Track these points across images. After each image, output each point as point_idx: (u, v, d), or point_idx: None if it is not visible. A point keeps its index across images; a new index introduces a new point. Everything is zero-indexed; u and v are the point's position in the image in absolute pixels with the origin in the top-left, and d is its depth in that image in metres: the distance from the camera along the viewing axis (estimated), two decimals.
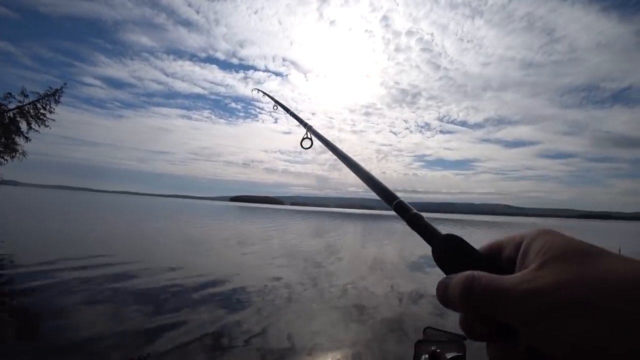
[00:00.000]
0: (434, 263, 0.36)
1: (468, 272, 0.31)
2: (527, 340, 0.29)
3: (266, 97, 1.75)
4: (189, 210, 53.48)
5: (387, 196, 0.50)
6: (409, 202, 0.46)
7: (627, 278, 0.27)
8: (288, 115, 1.28)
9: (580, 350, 0.27)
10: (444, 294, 0.32)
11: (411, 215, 0.44)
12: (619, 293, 0.26)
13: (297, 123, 1.14)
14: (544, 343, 0.28)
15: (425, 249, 0.37)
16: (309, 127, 1.04)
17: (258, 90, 1.94)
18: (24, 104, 18.12)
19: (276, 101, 1.52)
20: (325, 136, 0.88)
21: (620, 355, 0.25)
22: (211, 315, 5.22)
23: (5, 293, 5.88)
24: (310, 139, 1.04)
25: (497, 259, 0.34)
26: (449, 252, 0.36)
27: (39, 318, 4.77)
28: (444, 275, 0.34)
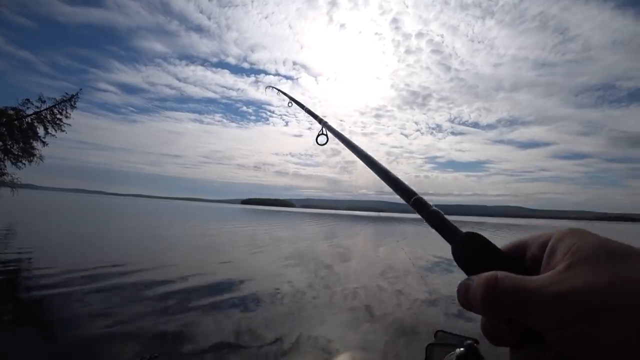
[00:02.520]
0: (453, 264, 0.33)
1: (491, 273, 0.28)
2: (556, 345, 0.26)
3: (281, 94, 1.79)
4: (203, 213, 53.91)
5: (405, 193, 0.49)
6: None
7: None
8: (303, 111, 1.27)
9: (616, 357, 0.24)
10: (465, 296, 0.29)
11: (430, 211, 0.42)
12: None
13: (312, 119, 1.13)
14: (576, 349, 0.25)
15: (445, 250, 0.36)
16: (324, 123, 1.03)
17: (272, 87, 1.97)
18: (42, 109, 18.61)
19: (291, 98, 1.53)
20: (341, 132, 0.86)
21: None
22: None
23: (37, 299, 6.02)
24: (326, 135, 1.04)
25: (521, 259, 0.31)
26: (471, 251, 0.33)
27: (57, 320, 4.87)
28: (465, 277, 0.31)
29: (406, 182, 0.51)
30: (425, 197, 0.42)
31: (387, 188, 0.50)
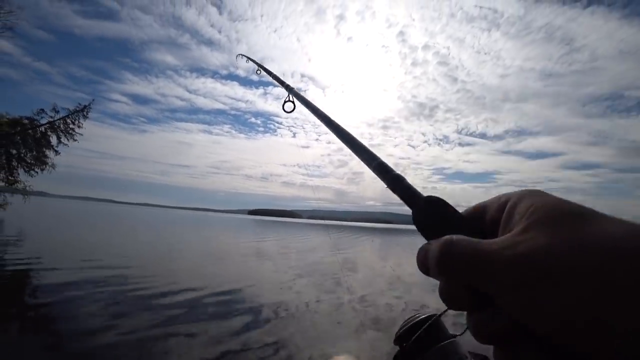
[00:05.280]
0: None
1: (447, 237, 0.28)
2: (510, 311, 0.24)
3: (250, 62, 1.80)
4: (211, 224, 54.06)
5: (367, 157, 0.49)
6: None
7: (622, 241, 0.22)
8: (270, 78, 1.27)
9: (571, 322, 0.22)
10: (423, 261, 0.30)
11: (392, 176, 0.42)
12: (615, 258, 0.21)
13: (283, 89, 1.09)
14: (524, 314, 0.23)
15: None
16: (290, 89, 1.02)
17: (242, 55, 1.98)
18: (55, 119, 19.05)
19: (259, 65, 1.55)
20: (309, 99, 0.86)
21: (615, 325, 0.21)
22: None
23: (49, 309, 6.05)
24: (293, 102, 1.02)
25: (480, 222, 0.31)
26: (430, 216, 0.34)
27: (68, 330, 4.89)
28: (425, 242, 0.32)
29: (369, 147, 0.51)
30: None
31: (395, 199, 0.51)
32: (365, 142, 0.53)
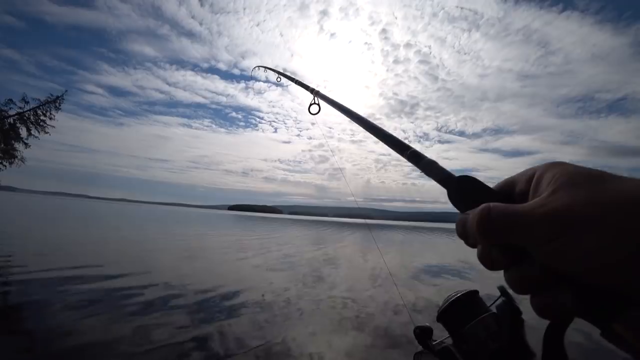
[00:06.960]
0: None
1: (484, 204, 0.32)
2: (542, 259, 0.30)
3: (269, 71, 1.83)
4: (192, 220, 53.10)
5: (400, 147, 0.53)
6: (409, 210, 0.47)
7: (629, 196, 0.28)
8: (293, 83, 1.30)
9: (589, 263, 0.27)
10: (462, 229, 0.34)
11: (425, 162, 0.47)
12: (621, 209, 0.27)
13: (305, 92, 1.15)
14: (558, 260, 0.29)
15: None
16: (316, 92, 1.06)
17: (259, 66, 2.00)
18: (25, 110, 18.23)
19: (279, 72, 1.57)
20: (334, 98, 0.87)
21: (621, 261, 0.26)
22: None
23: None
24: (318, 104, 1.06)
25: (510, 194, 0.35)
26: (464, 192, 0.38)
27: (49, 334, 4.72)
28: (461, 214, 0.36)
29: (399, 137, 0.55)
30: (413, 205, 0.49)
31: (377, 195, 0.54)
32: (347, 138, 0.56)
